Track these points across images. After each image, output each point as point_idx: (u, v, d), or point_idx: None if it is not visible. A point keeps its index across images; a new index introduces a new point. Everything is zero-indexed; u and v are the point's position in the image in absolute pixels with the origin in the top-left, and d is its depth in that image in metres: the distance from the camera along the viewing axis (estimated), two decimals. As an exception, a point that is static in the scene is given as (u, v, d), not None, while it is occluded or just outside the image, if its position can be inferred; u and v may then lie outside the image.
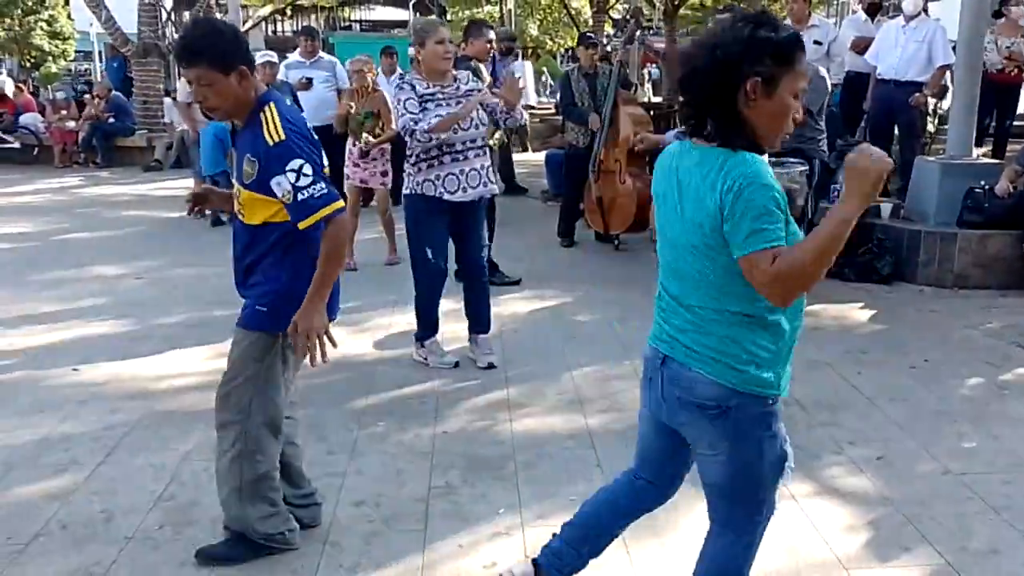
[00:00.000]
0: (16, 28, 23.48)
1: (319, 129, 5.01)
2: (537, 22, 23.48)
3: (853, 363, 4.61)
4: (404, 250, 6.05)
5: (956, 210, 6.14)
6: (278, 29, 30.12)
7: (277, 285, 2.65)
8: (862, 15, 8.97)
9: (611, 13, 18.32)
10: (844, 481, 3.36)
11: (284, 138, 2.54)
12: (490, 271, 5.11)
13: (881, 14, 9.34)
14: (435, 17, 17.88)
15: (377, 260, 6.79)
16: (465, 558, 2.85)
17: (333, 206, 2.56)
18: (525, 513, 3.11)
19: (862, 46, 8.05)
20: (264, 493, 2.77)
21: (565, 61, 23.98)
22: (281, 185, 2.52)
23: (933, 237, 6.10)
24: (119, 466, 3.49)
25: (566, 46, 23.61)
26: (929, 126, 8.63)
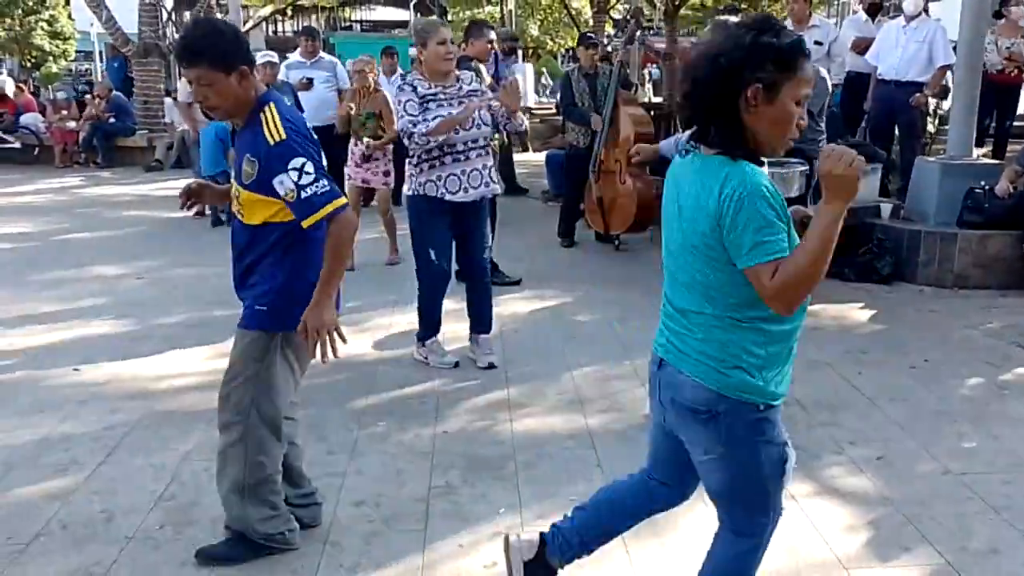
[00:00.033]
0: (17, 28, 23.47)
1: (320, 129, 5.03)
2: (538, 22, 23.46)
3: (853, 363, 4.61)
4: (405, 251, 6.08)
5: (956, 210, 6.14)
6: (279, 29, 30.11)
7: (276, 284, 2.65)
8: (863, 15, 8.97)
9: (612, 13, 18.29)
10: (844, 481, 3.36)
11: (285, 137, 2.54)
12: (490, 271, 5.11)
13: (882, 14, 9.35)
14: (436, 18, 17.86)
15: (377, 260, 6.79)
16: (465, 558, 2.85)
17: (336, 203, 2.57)
18: (525, 513, 3.11)
19: (863, 46, 8.05)
20: (265, 496, 2.77)
21: (566, 61, 23.97)
22: (284, 184, 2.53)
23: (933, 237, 6.10)
24: (119, 466, 3.50)
25: (566, 46, 23.61)
26: (929, 126, 8.64)
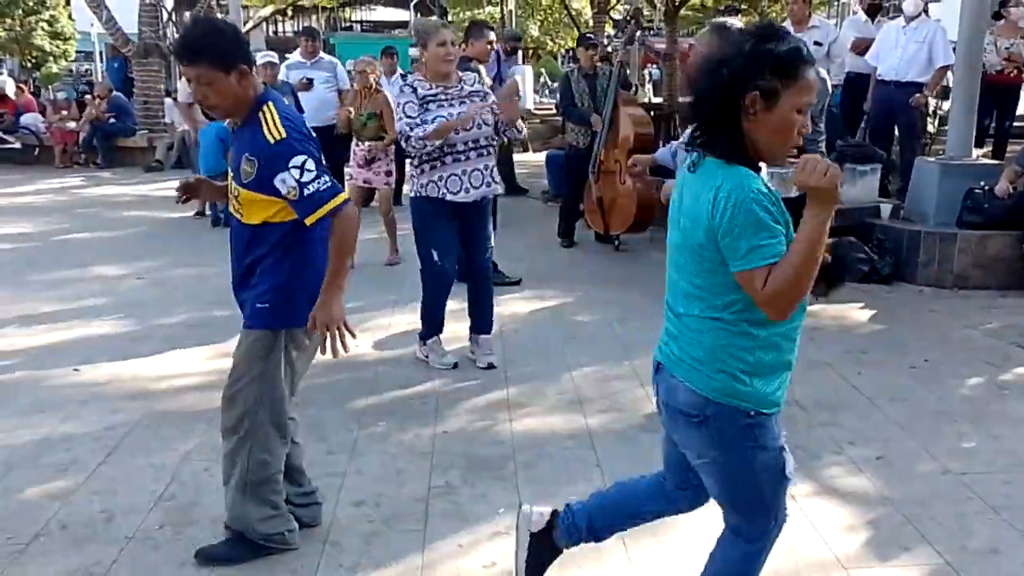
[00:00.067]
0: (17, 28, 23.46)
1: (320, 130, 5.04)
2: (538, 23, 23.46)
3: (853, 363, 4.61)
4: (405, 251, 6.08)
5: (956, 211, 6.14)
6: (279, 29, 30.12)
7: (276, 283, 2.65)
8: (862, 16, 8.97)
9: (612, 14, 18.28)
10: (844, 481, 3.36)
11: (285, 136, 2.55)
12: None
13: (881, 15, 9.36)
14: (437, 19, 17.86)
15: (377, 260, 6.79)
16: (465, 558, 2.85)
17: (339, 198, 2.58)
18: (525, 513, 3.11)
19: (862, 47, 8.06)
20: (267, 495, 2.77)
21: (566, 62, 23.98)
22: (286, 182, 2.53)
23: (933, 237, 6.10)
24: (119, 466, 3.50)
25: (567, 47, 23.61)
26: (929, 127, 8.65)
